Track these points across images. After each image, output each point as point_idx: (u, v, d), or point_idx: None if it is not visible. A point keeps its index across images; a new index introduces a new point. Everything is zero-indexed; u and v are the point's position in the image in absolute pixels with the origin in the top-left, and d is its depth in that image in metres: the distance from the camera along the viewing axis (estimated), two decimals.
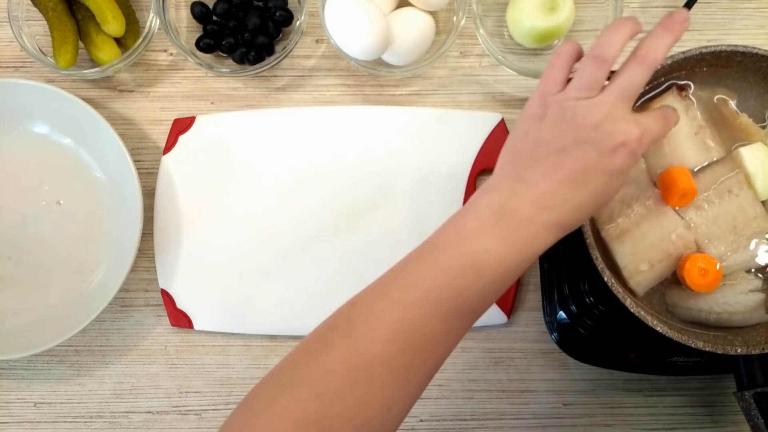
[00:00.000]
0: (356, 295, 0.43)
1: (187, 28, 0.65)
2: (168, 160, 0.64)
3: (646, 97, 0.54)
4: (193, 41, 0.63)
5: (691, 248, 0.52)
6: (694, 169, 0.54)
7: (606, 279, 0.49)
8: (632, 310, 0.48)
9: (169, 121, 0.64)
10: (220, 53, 0.64)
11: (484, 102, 0.65)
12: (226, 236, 0.63)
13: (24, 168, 0.64)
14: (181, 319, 0.62)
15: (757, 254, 0.52)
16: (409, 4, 0.62)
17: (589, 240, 0.50)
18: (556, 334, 0.61)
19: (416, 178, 0.63)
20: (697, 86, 0.55)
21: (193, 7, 0.63)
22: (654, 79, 0.54)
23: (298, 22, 0.62)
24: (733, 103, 0.54)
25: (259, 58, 0.62)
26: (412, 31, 0.60)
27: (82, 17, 0.62)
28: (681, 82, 0.55)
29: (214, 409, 0.63)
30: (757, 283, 0.52)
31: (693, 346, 0.48)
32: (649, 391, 0.63)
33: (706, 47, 0.52)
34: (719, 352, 0.48)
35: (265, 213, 0.63)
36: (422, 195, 0.63)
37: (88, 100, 0.61)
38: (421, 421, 0.63)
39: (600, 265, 0.49)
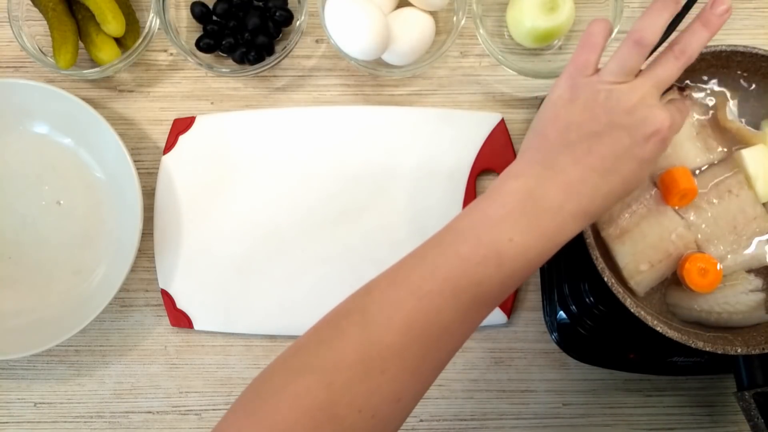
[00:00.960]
0: (371, 282, 0.42)
1: (187, 28, 0.65)
2: (168, 160, 0.64)
3: None
4: (193, 41, 0.63)
5: (692, 248, 0.52)
6: (695, 169, 0.54)
7: (606, 279, 0.49)
8: (632, 310, 0.48)
9: (169, 121, 0.64)
10: (220, 53, 0.64)
11: (484, 102, 0.65)
12: (226, 236, 0.63)
13: (24, 168, 0.64)
14: (181, 319, 0.62)
15: (758, 254, 0.52)
16: (409, 4, 0.62)
17: (590, 240, 0.50)
18: (556, 334, 0.61)
19: (416, 178, 0.63)
20: (698, 86, 0.55)
21: (193, 7, 0.63)
22: None
23: (298, 22, 0.62)
24: (733, 104, 0.54)
25: (259, 58, 0.62)
26: (412, 31, 0.60)
27: (82, 17, 0.62)
28: (682, 84, 0.55)
29: (214, 409, 0.63)
30: (758, 283, 0.52)
31: (693, 346, 0.48)
32: (649, 391, 0.63)
33: (707, 47, 0.52)
34: (719, 352, 0.48)
35: (265, 213, 0.63)
36: (422, 195, 0.63)
37: (88, 100, 0.61)
38: (421, 421, 0.63)
39: (600, 264, 0.49)
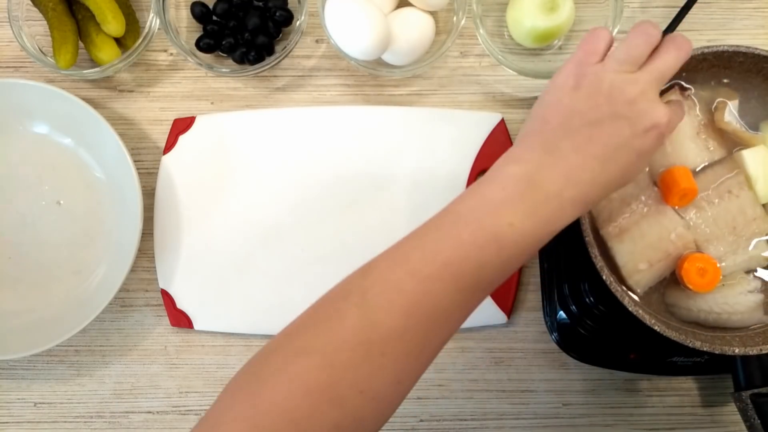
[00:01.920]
0: (370, 263, 0.42)
1: (187, 28, 0.65)
2: (168, 160, 0.64)
3: None
4: (193, 41, 0.63)
5: (691, 248, 0.52)
6: (695, 169, 0.53)
7: (605, 277, 0.49)
8: (630, 309, 0.48)
9: (169, 121, 0.64)
10: (220, 53, 0.64)
11: (484, 102, 0.65)
12: (226, 236, 0.63)
13: (24, 168, 0.64)
14: (181, 319, 0.62)
15: (757, 255, 0.52)
16: (409, 4, 0.62)
17: (588, 238, 0.50)
18: (556, 334, 0.61)
19: (416, 178, 0.63)
20: (699, 86, 0.55)
21: (193, 7, 0.63)
22: None
23: (298, 22, 0.62)
24: (734, 105, 0.54)
25: (259, 58, 0.62)
26: (412, 31, 0.60)
27: (82, 17, 0.62)
28: (684, 84, 0.55)
29: None
30: (756, 284, 0.52)
31: (690, 345, 0.48)
32: (649, 391, 0.63)
33: (708, 47, 0.52)
34: (717, 352, 0.48)
35: (265, 213, 0.63)
36: (422, 195, 0.63)
37: (88, 100, 0.61)
38: (421, 421, 0.63)
39: (599, 263, 0.49)
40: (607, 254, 0.52)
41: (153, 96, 0.65)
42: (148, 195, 0.63)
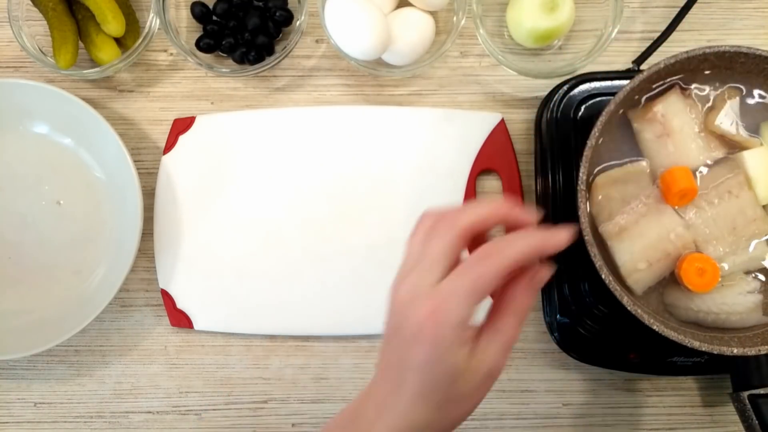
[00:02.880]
0: None
1: (187, 28, 0.65)
2: (168, 160, 0.64)
3: (648, 95, 0.54)
4: (193, 41, 0.63)
5: (690, 248, 0.52)
6: (696, 169, 0.53)
7: (604, 276, 0.49)
8: (629, 308, 0.48)
9: (169, 121, 0.64)
10: (220, 53, 0.64)
11: (484, 102, 0.65)
12: (226, 236, 0.63)
13: (24, 168, 0.64)
14: (181, 319, 0.62)
15: (756, 256, 0.52)
16: (409, 4, 0.62)
17: (588, 237, 0.49)
18: (556, 335, 0.61)
19: (416, 178, 0.63)
20: (699, 86, 0.54)
21: (193, 7, 0.63)
22: (657, 79, 0.54)
23: (298, 22, 0.62)
24: (734, 105, 0.54)
25: (259, 58, 0.62)
26: (412, 31, 0.60)
27: (82, 17, 0.62)
28: (683, 84, 0.54)
29: (214, 409, 0.63)
30: (756, 284, 0.52)
31: (689, 345, 0.48)
32: (649, 391, 0.63)
33: (710, 47, 0.52)
34: (715, 353, 0.48)
35: (265, 213, 0.63)
36: (422, 195, 0.63)
37: (88, 100, 0.61)
38: None
39: (598, 262, 0.49)
40: (606, 253, 0.52)
41: (153, 96, 0.66)
42: (148, 195, 0.63)
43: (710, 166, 0.53)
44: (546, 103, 0.62)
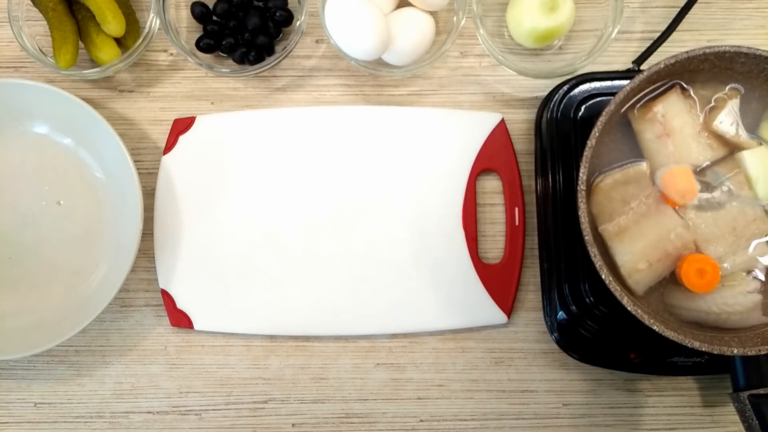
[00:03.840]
0: None
1: (187, 28, 0.65)
2: (168, 160, 0.64)
3: (648, 97, 0.54)
4: (193, 41, 0.63)
5: (690, 248, 0.52)
6: (696, 169, 0.53)
7: (604, 276, 0.49)
8: (629, 308, 0.48)
9: (169, 121, 0.64)
10: (220, 53, 0.64)
11: (484, 102, 0.65)
12: (226, 236, 0.63)
13: (24, 168, 0.64)
14: (181, 319, 0.62)
15: (757, 256, 0.52)
16: (409, 4, 0.62)
17: (588, 237, 0.49)
18: (556, 335, 0.61)
19: (416, 178, 0.63)
20: (700, 86, 0.54)
21: (193, 7, 0.63)
22: (657, 80, 0.54)
23: (298, 22, 0.62)
24: (735, 106, 0.54)
25: (259, 58, 0.62)
26: (412, 31, 0.60)
27: (82, 17, 0.62)
28: (684, 84, 0.54)
29: (214, 409, 0.63)
30: (756, 284, 0.52)
31: (689, 345, 0.48)
32: (649, 391, 0.63)
33: (710, 47, 0.52)
34: (715, 353, 0.48)
35: (265, 213, 0.63)
36: (422, 195, 0.63)
37: (88, 100, 0.61)
38: (421, 421, 0.63)
39: (598, 262, 0.49)
40: (606, 254, 0.52)
41: (153, 96, 0.66)
42: (148, 195, 0.63)
43: (710, 166, 0.54)
44: (546, 103, 0.62)
